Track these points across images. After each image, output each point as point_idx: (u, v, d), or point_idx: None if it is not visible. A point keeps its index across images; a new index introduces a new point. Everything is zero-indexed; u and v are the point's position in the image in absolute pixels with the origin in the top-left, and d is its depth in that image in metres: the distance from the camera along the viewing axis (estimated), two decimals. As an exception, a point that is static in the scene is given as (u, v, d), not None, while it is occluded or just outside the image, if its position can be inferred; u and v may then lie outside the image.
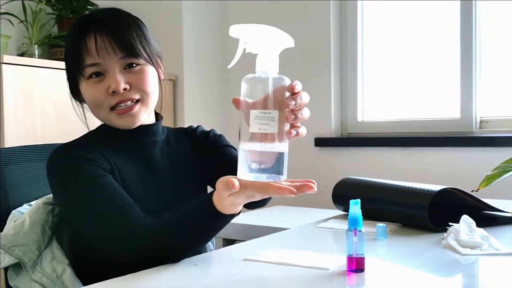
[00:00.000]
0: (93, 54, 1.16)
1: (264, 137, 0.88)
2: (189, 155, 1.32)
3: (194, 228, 1.04)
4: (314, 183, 0.92)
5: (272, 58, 0.90)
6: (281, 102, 0.89)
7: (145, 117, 1.23)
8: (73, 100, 1.27)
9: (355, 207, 0.97)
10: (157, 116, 1.30)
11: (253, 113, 0.87)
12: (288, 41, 0.92)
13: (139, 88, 1.19)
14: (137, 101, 1.19)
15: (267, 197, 1.06)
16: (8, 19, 2.46)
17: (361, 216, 0.97)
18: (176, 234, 1.05)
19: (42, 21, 2.56)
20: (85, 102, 1.25)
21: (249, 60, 0.92)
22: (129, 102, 1.18)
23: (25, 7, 2.48)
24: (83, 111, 1.26)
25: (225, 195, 0.94)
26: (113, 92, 1.16)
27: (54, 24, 2.64)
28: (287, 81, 0.90)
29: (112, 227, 1.08)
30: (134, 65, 1.19)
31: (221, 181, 0.94)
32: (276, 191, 0.90)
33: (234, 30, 0.92)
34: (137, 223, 1.08)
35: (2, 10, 2.43)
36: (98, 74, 1.17)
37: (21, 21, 2.49)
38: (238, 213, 1.02)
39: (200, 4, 2.96)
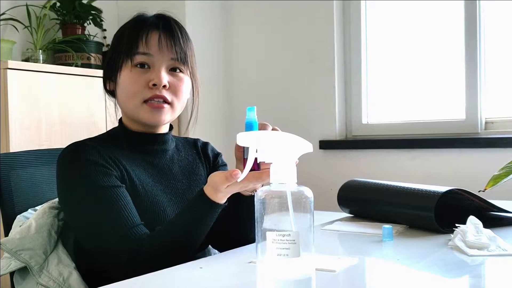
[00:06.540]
0: (150, 46, 1.24)
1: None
2: (198, 165, 1.38)
3: (193, 223, 1.11)
4: None
5: (288, 167, 0.77)
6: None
7: (168, 120, 1.28)
8: (105, 88, 1.32)
9: (251, 113, 1.03)
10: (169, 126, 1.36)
11: (270, 235, 0.75)
12: (306, 147, 0.81)
13: (174, 92, 1.25)
14: (168, 103, 1.25)
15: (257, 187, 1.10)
16: (12, 25, 2.47)
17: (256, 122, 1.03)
18: (177, 232, 1.12)
19: (47, 27, 2.57)
20: (112, 93, 1.29)
21: (251, 54, 0.91)
22: (162, 100, 1.24)
23: (30, 12, 2.49)
24: (116, 99, 1.30)
25: (222, 188, 1.04)
26: (154, 85, 1.22)
27: (58, 29, 2.65)
28: (307, 193, 0.77)
29: (115, 245, 1.11)
30: (178, 70, 1.26)
31: (217, 175, 1.05)
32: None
33: (242, 139, 0.84)
34: (140, 241, 1.11)
35: (7, 16, 2.44)
36: (143, 66, 1.24)
37: (26, 27, 2.50)
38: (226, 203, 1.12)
39: (203, 4, 2.96)
